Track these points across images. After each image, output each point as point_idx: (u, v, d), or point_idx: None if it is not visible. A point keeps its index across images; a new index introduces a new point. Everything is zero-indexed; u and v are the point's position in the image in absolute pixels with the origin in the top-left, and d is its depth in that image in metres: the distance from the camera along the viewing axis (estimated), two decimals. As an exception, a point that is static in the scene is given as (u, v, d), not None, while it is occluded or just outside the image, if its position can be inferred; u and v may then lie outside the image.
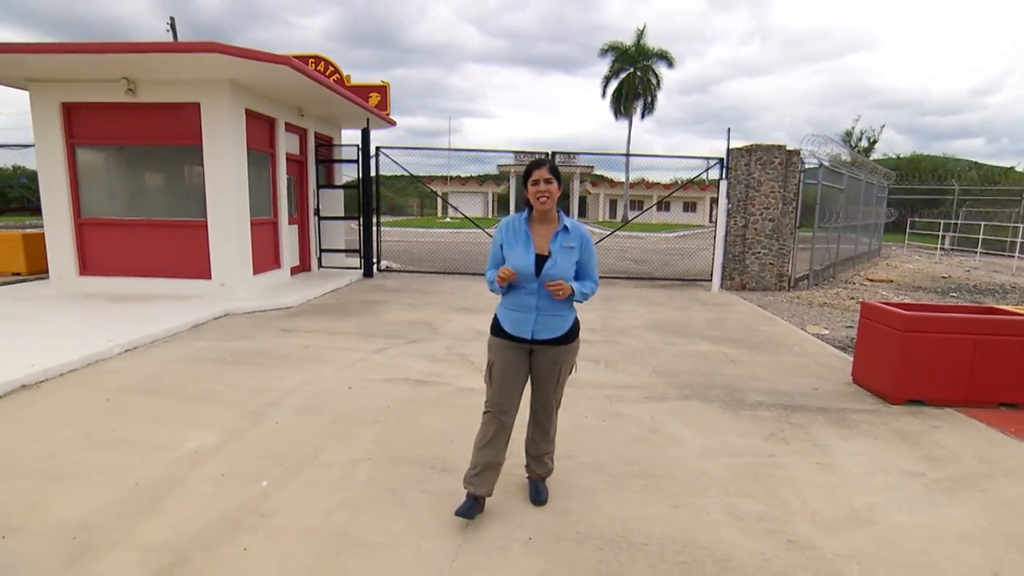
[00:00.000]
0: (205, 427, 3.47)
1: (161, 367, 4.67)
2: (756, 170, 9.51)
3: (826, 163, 10.00)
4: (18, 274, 9.83)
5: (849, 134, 40.58)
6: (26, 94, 7.81)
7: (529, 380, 2.62)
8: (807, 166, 9.80)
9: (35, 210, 8.38)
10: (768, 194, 9.55)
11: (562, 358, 2.55)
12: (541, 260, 2.44)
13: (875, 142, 40.58)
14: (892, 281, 11.86)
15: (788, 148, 9.46)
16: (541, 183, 2.43)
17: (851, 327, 7.08)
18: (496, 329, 2.58)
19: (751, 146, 9.52)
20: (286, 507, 2.61)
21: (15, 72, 7.22)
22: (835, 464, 3.22)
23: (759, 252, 9.76)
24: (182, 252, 7.76)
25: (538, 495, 2.74)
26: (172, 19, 22.37)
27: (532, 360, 2.57)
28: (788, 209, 9.62)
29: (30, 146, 8.02)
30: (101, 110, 7.54)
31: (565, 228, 2.50)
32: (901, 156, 39.61)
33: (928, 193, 26.41)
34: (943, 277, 13.04)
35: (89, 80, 7.34)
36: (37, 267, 9.73)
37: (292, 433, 3.44)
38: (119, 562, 2.20)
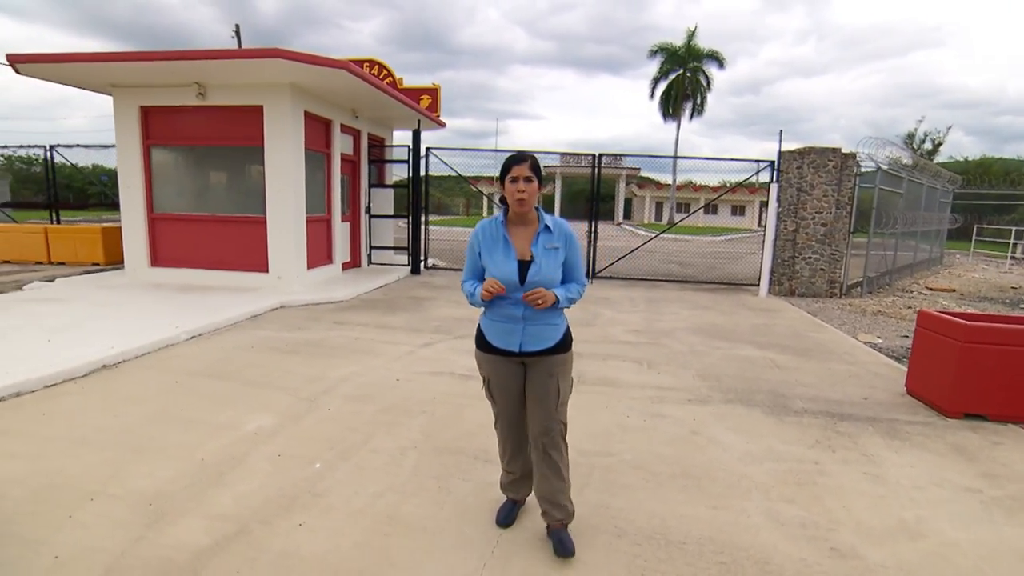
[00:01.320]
0: (263, 410, 3.70)
1: (223, 353, 4.97)
2: (808, 173, 9.23)
3: (884, 166, 9.60)
4: (97, 264, 10.61)
5: (911, 136, 38.62)
6: (105, 99, 8.44)
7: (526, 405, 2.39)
8: (863, 169, 9.44)
9: (111, 206, 9.10)
10: (821, 198, 9.25)
11: (557, 369, 2.30)
12: (524, 266, 2.20)
13: (940, 144, 38.47)
14: (954, 291, 11.26)
15: (844, 151, 9.15)
16: (520, 181, 2.15)
17: (907, 337, 6.80)
18: (481, 342, 2.35)
19: (804, 148, 9.25)
20: (338, 488, 2.77)
21: (102, 79, 7.80)
22: (884, 475, 3.14)
23: (810, 257, 9.47)
24: (242, 246, 8.19)
25: (563, 546, 2.30)
26: (237, 27, 23.53)
27: (526, 375, 2.35)
28: (842, 213, 9.29)
29: (110, 146, 8.61)
30: (174, 113, 8.06)
31: (547, 227, 2.24)
32: (969, 159, 37.39)
33: (999, 198, 24.84)
34: (1013, 288, 12.27)
35: (165, 85, 7.85)
36: (113, 258, 10.47)
37: (343, 420, 3.62)
38: (190, 528, 2.40)
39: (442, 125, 12.35)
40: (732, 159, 10.51)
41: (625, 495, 2.81)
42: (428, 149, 10.67)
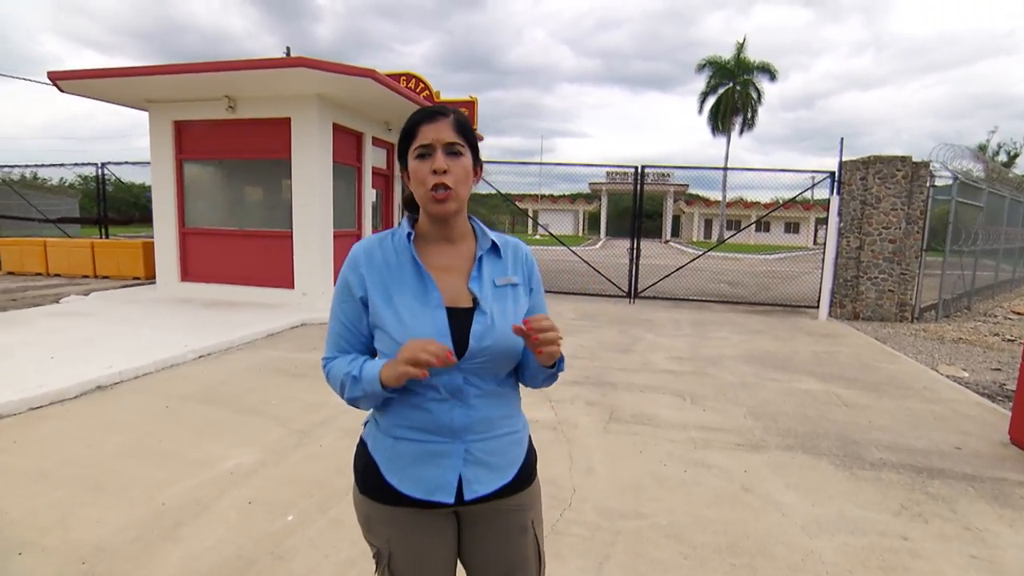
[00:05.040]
0: (248, 444, 3.31)
1: (226, 376, 4.66)
2: (874, 185, 8.36)
3: (965, 177, 8.62)
4: (137, 278, 10.76)
5: (983, 148, 36.09)
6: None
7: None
8: (937, 181, 8.49)
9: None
10: (888, 212, 8.35)
11: (532, 514, 1.23)
12: (461, 319, 1.11)
13: (1016, 156, 35.84)
14: (1048, 317, 9.99)
15: (915, 160, 8.25)
16: (438, 153, 1.08)
17: (999, 370, 5.88)
18: (373, 485, 1.15)
19: (869, 158, 8.40)
20: (305, 549, 2.31)
21: (139, 94, 7.85)
22: (1001, 560, 2.43)
23: (876, 277, 8.54)
24: (269, 262, 8.02)
25: None
26: (288, 49, 24.28)
27: (462, 537, 1.21)
28: (913, 229, 8.35)
29: (146, 163, 8.70)
30: (205, 127, 8.02)
31: (493, 247, 1.20)
32: (1052, 172, 34.54)
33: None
34: (1118, 314, 10.82)
35: (197, 99, 7.82)
36: (152, 272, 10.56)
37: (334, 457, 3.18)
38: (118, 599, 1.99)
39: (479, 139, 12.06)
40: (787, 170, 9.71)
41: None
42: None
